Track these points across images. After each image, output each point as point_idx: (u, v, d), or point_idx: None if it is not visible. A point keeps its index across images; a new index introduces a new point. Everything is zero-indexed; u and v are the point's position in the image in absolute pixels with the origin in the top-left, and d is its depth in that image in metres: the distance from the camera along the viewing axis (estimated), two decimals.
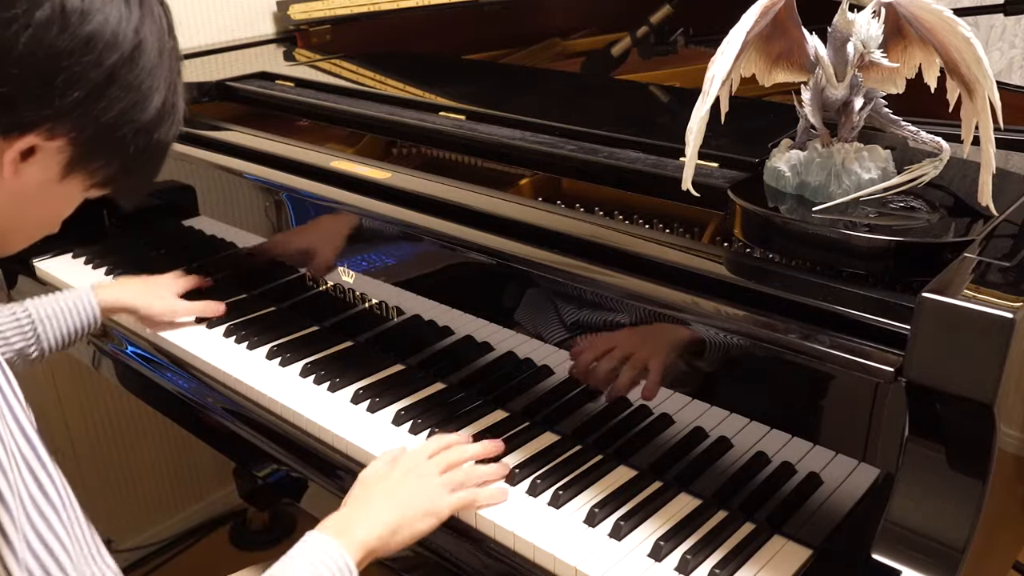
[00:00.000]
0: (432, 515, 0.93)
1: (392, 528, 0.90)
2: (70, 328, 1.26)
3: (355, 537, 0.88)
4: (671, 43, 1.65)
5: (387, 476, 0.96)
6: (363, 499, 0.94)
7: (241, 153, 1.37)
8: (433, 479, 0.95)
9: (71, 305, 1.26)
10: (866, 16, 0.86)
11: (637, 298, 0.94)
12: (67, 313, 1.25)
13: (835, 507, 0.88)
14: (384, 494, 0.94)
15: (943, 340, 0.71)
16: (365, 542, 0.88)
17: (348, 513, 0.92)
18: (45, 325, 1.23)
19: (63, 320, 1.25)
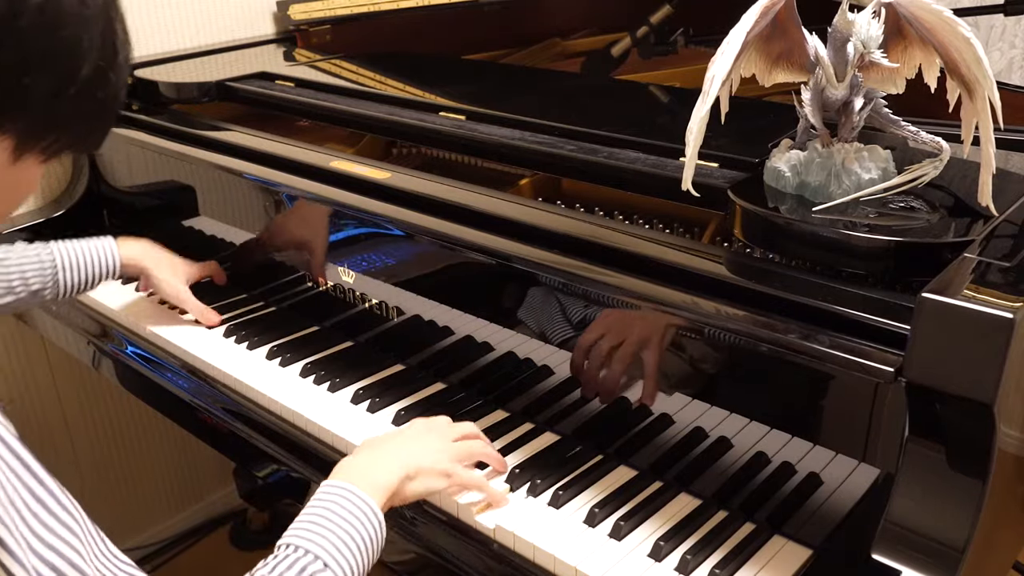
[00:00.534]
0: (443, 475, 0.94)
1: (409, 473, 0.91)
2: (90, 274, 1.30)
3: (375, 480, 0.87)
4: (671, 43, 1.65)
5: (408, 431, 0.98)
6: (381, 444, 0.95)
7: (241, 153, 1.37)
8: (449, 443, 0.97)
9: (94, 253, 1.30)
10: (866, 16, 0.86)
11: (637, 298, 0.94)
12: (90, 260, 1.29)
13: (835, 507, 0.88)
14: (398, 443, 0.95)
15: (943, 340, 0.71)
16: (383, 485, 0.88)
17: (365, 457, 0.92)
18: (66, 271, 1.27)
19: (84, 266, 1.29)
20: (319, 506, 0.84)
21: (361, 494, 0.85)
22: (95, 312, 1.50)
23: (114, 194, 1.74)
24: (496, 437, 1.07)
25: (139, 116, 1.58)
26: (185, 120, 1.52)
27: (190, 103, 1.64)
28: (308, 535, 0.80)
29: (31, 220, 1.70)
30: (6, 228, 1.67)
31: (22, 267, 1.24)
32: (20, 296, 1.24)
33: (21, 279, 1.24)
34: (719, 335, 0.89)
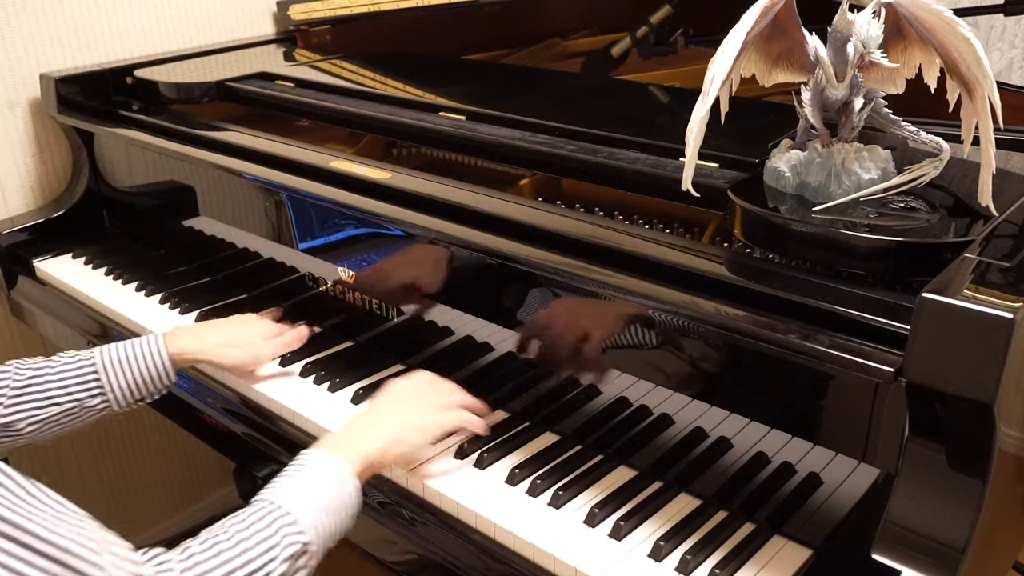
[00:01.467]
0: (423, 429, 0.99)
1: (392, 439, 0.96)
2: (137, 378, 1.13)
3: (354, 449, 0.92)
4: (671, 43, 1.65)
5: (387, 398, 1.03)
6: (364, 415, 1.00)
7: (241, 153, 1.37)
8: (427, 399, 1.02)
9: (139, 353, 1.13)
10: (866, 16, 0.86)
11: (637, 298, 0.94)
12: (134, 361, 1.13)
13: (835, 507, 0.88)
14: (384, 410, 1.00)
15: (943, 340, 0.71)
16: (365, 453, 0.92)
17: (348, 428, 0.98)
18: (110, 374, 1.11)
19: (130, 369, 1.12)
20: (298, 468, 0.87)
21: (339, 460, 0.88)
22: (95, 312, 1.50)
23: (114, 194, 1.74)
24: (496, 437, 1.07)
25: (139, 116, 1.58)
26: (185, 120, 1.52)
27: (190, 103, 1.64)
28: (283, 492, 0.83)
29: (31, 220, 1.70)
30: (6, 228, 1.68)
31: (61, 375, 1.09)
32: (64, 407, 1.09)
33: (61, 387, 1.09)
34: (719, 335, 0.89)
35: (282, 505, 0.82)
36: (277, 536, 0.79)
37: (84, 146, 1.73)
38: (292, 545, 0.80)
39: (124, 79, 1.73)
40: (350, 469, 0.89)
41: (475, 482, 1.01)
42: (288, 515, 0.81)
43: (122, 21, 1.81)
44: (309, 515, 0.82)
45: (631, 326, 0.99)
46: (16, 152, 1.73)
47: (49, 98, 1.68)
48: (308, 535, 0.81)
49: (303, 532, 0.81)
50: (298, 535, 0.80)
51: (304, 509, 0.82)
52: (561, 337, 1.05)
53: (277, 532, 0.79)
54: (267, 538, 0.79)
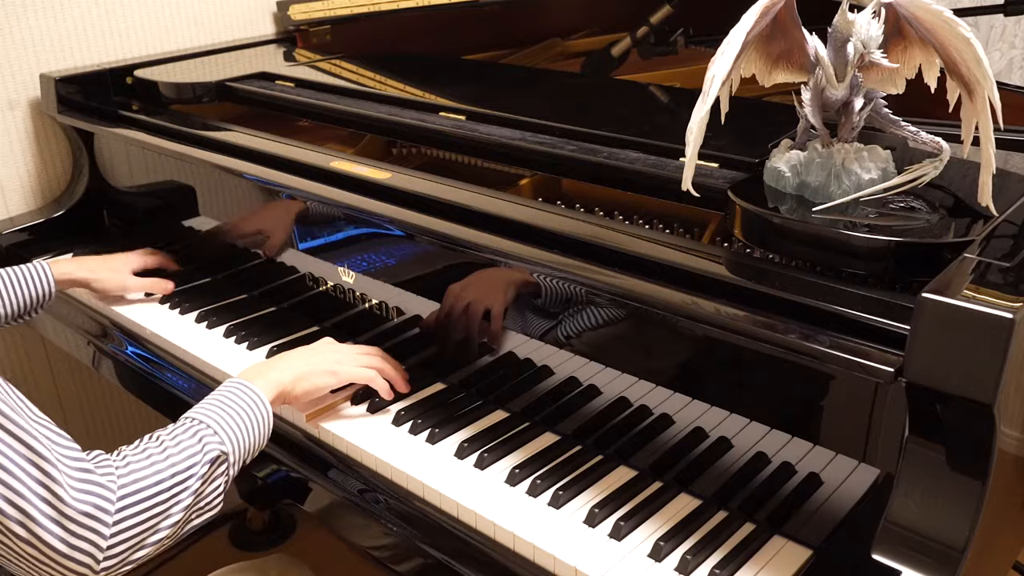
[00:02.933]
0: (332, 374, 1.11)
1: (300, 375, 1.09)
2: (25, 297, 1.32)
3: (266, 378, 1.05)
4: (671, 43, 1.65)
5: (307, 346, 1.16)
6: (280, 355, 1.14)
7: (241, 153, 1.37)
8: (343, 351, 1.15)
9: (26, 276, 1.33)
10: (866, 16, 0.86)
11: (637, 298, 0.94)
12: (22, 283, 1.32)
13: (835, 507, 0.88)
14: (300, 352, 1.13)
15: (943, 340, 0.71)
16: (277, 382, 1.06)
17: (264, 363, 1.12)
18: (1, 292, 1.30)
19: (18, 289, 1.31)
20: (218, 394, 1.00)
21: (254, 387, 1.02)
22: (95, 312, 1.50)
23: (114, 194, 1.74)
24: (496, 437, 1.07)
25: (139, 116, 1.58)
26: (185, 120, 1.52)
27: (190, 103, 1.64)
28: (205, 411, 0.96)
29: (31, 220, 1.70)
30: (6, 228, 1.68)
31: None
32: None
33: None
34: (719, 335, 0.89)
35: (203, 420, 0.94)
36: (199, 444, 0.92)
37: (84, 146, 1.73)
38: (212, 451, 0.92)
39: (124, 79, 1.73)
40: (263, 393, 1.02)
41: (475, 482, 1.01)
42: (208, 428, 0.94)
43: (122, 21, 1.81)
44: (227, 429, 0.95)
45: (631, 326, 0.99)
46: (16, 152, 1.73)
47: (49, 98, 1.68)
48: (226, 445, 0.94)
49: (222, 442, 0.93)
50: (218, 444, 0.93)
51: (223, 424, 0.95)
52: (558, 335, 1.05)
53: (199, 441, 0.92)
54: (191, 446, 0.91)
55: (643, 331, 0.99)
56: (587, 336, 1.03)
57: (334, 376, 1.11)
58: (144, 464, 0.86)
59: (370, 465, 1.07)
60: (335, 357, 1.12)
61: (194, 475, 0.89)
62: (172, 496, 0.86)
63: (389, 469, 1.05)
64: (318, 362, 1.11)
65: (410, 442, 1.08)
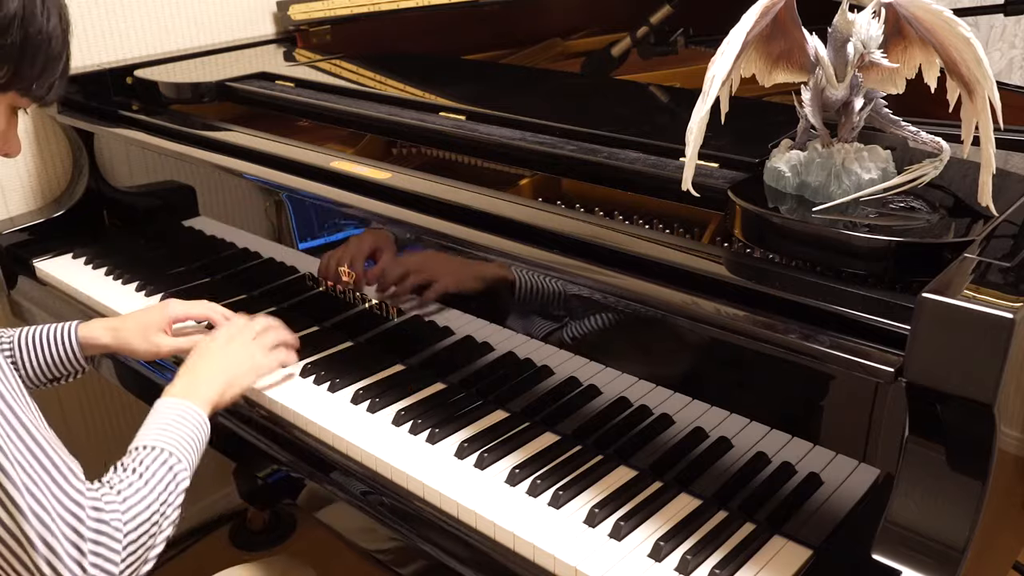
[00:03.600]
0: (253, 371, 1.16)
1: (226, 383, 1.11)
2: (48, 359, 1.22)
3: (200, 396, 1.07)
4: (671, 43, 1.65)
5: (214, 347, 1.15)
6: (198, 366, 1.13)
7: (241, 153, 1.37)
8: (249, 344, 1.17)
9: (51, 336, 1.22)
10: (866, 16, 0.86)
11: (637, 298, 0.94)
12: (46, 343, 1.22)
13: (835, 507, 0.88)
14: (215, 359, 1.14)
15: (943, 340, 0.71)
16: (209, 398, 1.08)
17: (189, 379, 1.10)
18: (24, 352, 1.21)
19: (42, 350, 1.21)
20: (165, 417, 1.02)
21: (194, 407, 1.04)
22: (95, 312, 1.50)
23: (114, 194, 1.74)
24: (496, 437, 1.07)
25: (139, 116, 1.58)
26: (185, 120, 1.52)
27: (190, 103, 1.64)
28: (165, 438, 0.99)
29: (32, 220, 1.70)
30: (7, 228, 1.68)
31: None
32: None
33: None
34: (719, 335, 0.89)
35: (173, 452, 0.97)
36: (171, 475, 0.96)
37: (84, 146, 1.73)
38: (184, 481, 0.97)
39: (124, 79, 1.73)
40: (204, 413, 1.05)
41: (475, 482, 1.01)
42: (176, 458, 0.97)
43: (122, 21, 1.81)
44: (186, 455, 0.99)
45: (631, 326, 0.99)
46: None
47: None
48: (188, 471, 0.99)
49: (186, 469, 0.98)
50: (185, 472, 0.98)
51: (183, 452, 0.99)
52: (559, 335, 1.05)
53: (171, 472, 0.96)
54: (166, 477, 0.95)
55: (643, 331, 0.99)
56: (587, 336, 1.03)
57: (255, 374, 1.17)
58: (138, 502, 0.91)
59: (370, 465, 1.07)
60: (247, 353, 1.16)
61: (172, 504, 0.95)
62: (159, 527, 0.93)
63: (389, 469, 1.05)
64: (238, 365, 1.14)
65: (410, 442, 1.08)
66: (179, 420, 1.02)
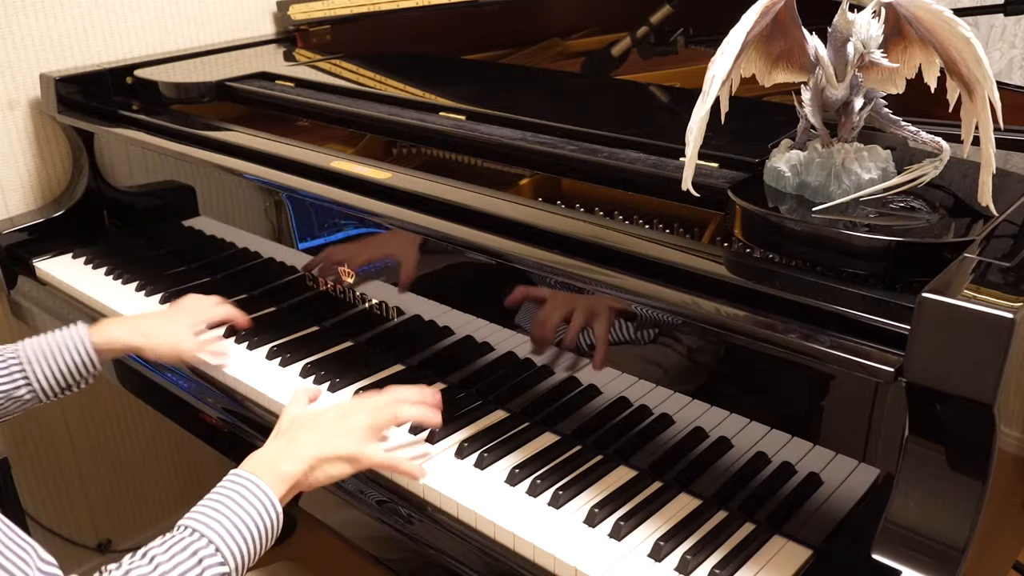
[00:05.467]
0: (350, 461, 0.96)
1: (312, 465, 0.94)
2: (62, 368, 1.16)
3: (280, 470, 0.91)
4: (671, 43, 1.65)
5: (315, 416, 0.99)
6: (288, 435, 0.97)
7: (241, 153, 1.37)
8: (361, 428, 0.98)
9: (61, 343, 1.17)
10: (866, 16, 0.86)
11: (637, 298, 0.94)
12: (57, 351, 1.16)
13: (835, 507, 0.88)
14: (310, 432, 0.97)
15: (943, 340, 0.71)
16: (291, 476, 0.91)
17: (275, 449, 0.95)
18: (34, 365, 1.15)
19: (53, 359, 1.15)
20: (221, 493, 0.87)
21: (262, 484, 0.88)
22: (95, 312, 1.50)
23: (114, 194, 1.74)
24: (496, 437, 1.07)
25: (139, 116, 1.58)
26: (185, 120, 1.52)
27: (190, 103, 1.64)
28: (205, 520, 0.84)
29: (31, 220, 1.70)
30: (6, 228, 1.68)
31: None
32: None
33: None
34: (719, 335, 0.89)
35: (205, 534, 0.83)
36: (198, 566, 0.81)
37: (84, 146, 1.73)
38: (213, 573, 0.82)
39: (124, 79, 1.73)
40: (273, 493, 0.89)
41: (475, 482, 1.01)
42: (210, 544, 0.83)
43: (122, 21, 1.81)
44: (230, 543, 0.83)
45: (631, 326, 0.99)
46: (16, 152, 1.73)
47: (49, 98, 1.68)
48: (228, 565, 0.83)
49: (224, 563, 0.82)
50: (220, 566, 0.82)
51: (226, 537, 0.83)
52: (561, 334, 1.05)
53: (199, 562, 0.81)
54: (188, 569, 0.81)
55: (643, 331, 0.99)
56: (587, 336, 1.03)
57: (351, 466, 0.97)
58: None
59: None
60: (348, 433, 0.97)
61: None
62: None
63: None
64: (332, 446, 0.96)
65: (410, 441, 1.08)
66: (235, 498, 0.86)
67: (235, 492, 0.87)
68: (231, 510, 0.85)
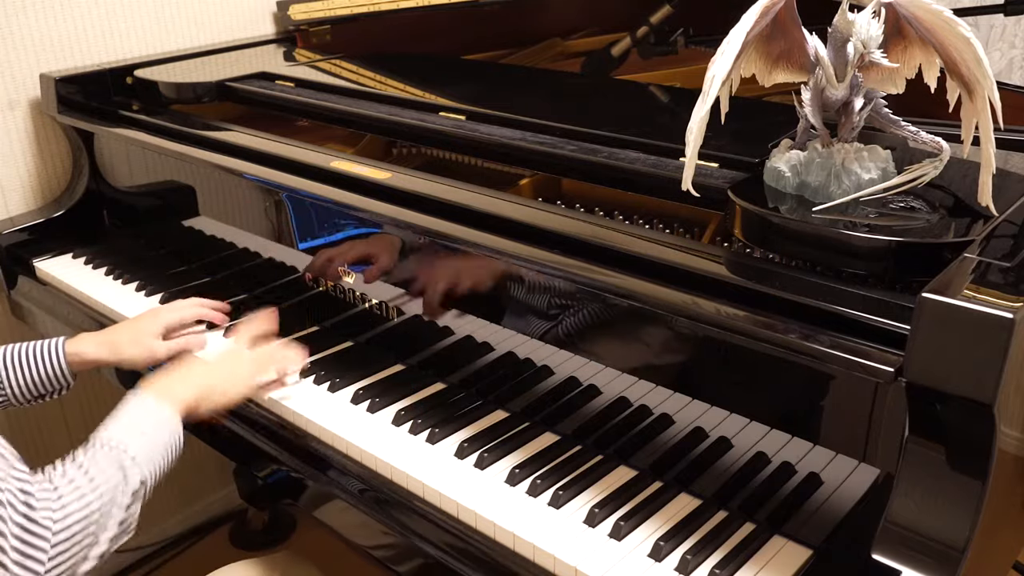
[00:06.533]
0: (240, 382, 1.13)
1: (206, 389, 1.07)
2: (34, 377, 1.19)
3: (175, 395, 1.04)
4: (671, 43, 1.65)
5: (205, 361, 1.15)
6: (182, 369, 1.11)
7: (241, 153, 1.37)
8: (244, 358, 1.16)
9: (38, 353, 1.19)
10: (866, 16, 0.86)
11: (637, 298, 0.94)
12: (32, 360, 1.19)
13: (835, 507, 0.88)
14: (200, 366, 1.14)
15: (943, 340, 0.71)
16: (184, 400, 1.04)
17: (168, 378, 1.07)
18: (9, 372, 1.18)
19: (27, 367, 1.18)
20: (133, 413, 0.98)
21: (167, 406, 1.01)
22: (95, 312, 1.50)
23: (114, 194, 1.74)
24: (496, 437, 1.07)
25: (139, 116, 1.58)
26: (185, 120, 1.52)
27: (190, 103, 1.64)
28: (123, 434, 0.95)
29: (31, 220, 1.70)
30: (7, 228, 1.68)
31: None
32: None
33: None
34: (719, 335, 0.89)
35: (125, 448, 0.93)
36: (122, 475, 0.92)
37: (84, 146, 1.73)
38: (134, 482, 0.93)
39: (124, 79, 1.73)
40: (174, 411, 1.01)
41: (475, 482, 1.01)
42: (129, 456, 0.93)
43: (122, 21, 1.81)
44: (147, 456, 0.95)
45: (631, 326, 0.99)
46: (16, 152, 1.73)
47: (49, 98, 1.68)
48: (144, 472, 0.94)
49: (141, 474, 0.94)
50: (138, 474, 0.93)
51: (142, 449, 0.95)
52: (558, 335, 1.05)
53: (123, 472, 0.92)
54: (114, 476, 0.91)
55: (643, 331, 0.99)
56: (587, 336, 1.03)
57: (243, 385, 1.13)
58: (76, 499, 0.87)
59: (370, 465, 1.07)
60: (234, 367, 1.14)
61: (119, 504, 0.90)
62: (100, 527, 0.89)
63: (389, 469, 1.05)
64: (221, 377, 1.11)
65: (410, 442, 1.08)
66: (146, 417, 0.97)
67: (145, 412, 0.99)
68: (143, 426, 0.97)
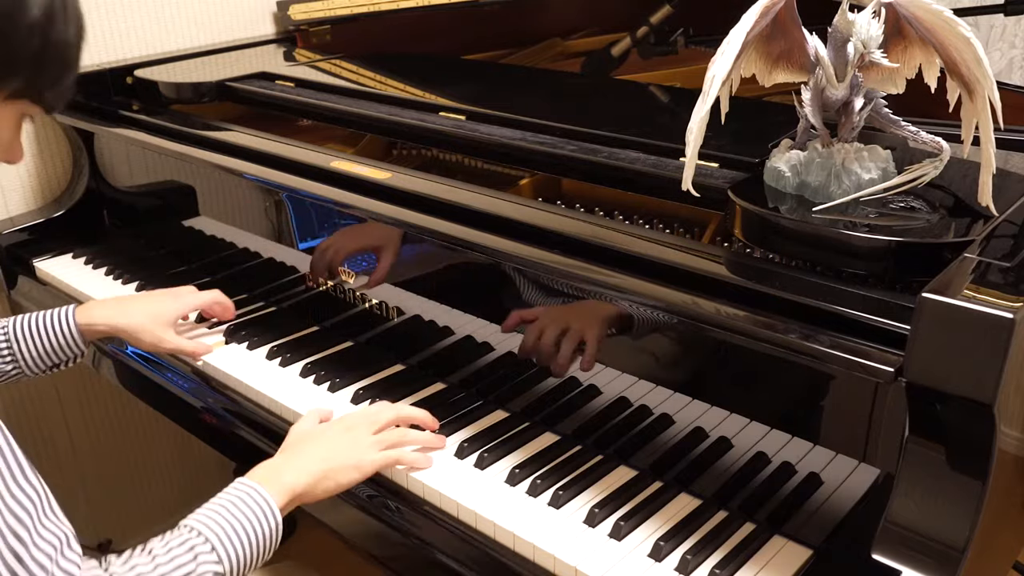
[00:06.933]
0: (356, 469, 0.98)
1: (318, 476, 0.96)
2: (47, 346, 1.19)
3: (283, 481, 0.93)
4: (671, 43, 1.65)
5: (322, 431, 1.02)
6: (294, 449, 1.00)
7: (241, 153, 1.37)
8: (364, 436, 1.01)
9: (49, 324, 1.20)
10: (866, 16, 0.86)
11: (637, 298, 0.94)
12: (44, 330, 1.19)
13: (835, 507, 0.88)
14: (315, 445, 1.00)
15: (943, 340, 0.71)
16: (292, 487, 0.93)
17: (279, 461, 0.98)
18: (21, 343, 1.18)
19: (40, 337, 1.19)
20: (224, 499, 0.90)
21: (264, 493, 0.90)
22: None
23: (114, 194, 1.74)
24: (496, 437, 1.07)
25: (139, 116, 1.58)
26: (185, 120, 1.52)
27: (190, 103, 1.64)
28: (205, 520, 0.86)
29: (31, 220, 1.70)
30: (6, 228, 1.68)
31: None
32: None
33: None
34: (719, 335, 0.89)
35: (202, 533, 0.85)
36: (194, 562, 0.83)
37: (84, 146, 1.73)
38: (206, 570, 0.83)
39: (124, 79, 1.73)
40: (274, 501, 0.91)
41: (475, 482, 1.01)
42: (206, 543, 0.84)
43: (122, 21, 1.81)
44: (227, 544, 0.85)
45: (631, 325, 0.99)
46: None
47: None
48: (223, 565, 0.85)
49: (219, 562, 0.84)
50: (214, 564, 0.84)
51: (223, 537, 0.85)
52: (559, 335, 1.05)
53: (195, 559, 0.83)
54: (184, 564, 0.82)
55: (643, 331, 0.99)
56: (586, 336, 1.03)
57: (358, 472, 0.99)
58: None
59: None
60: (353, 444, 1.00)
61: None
62: None
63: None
64: (337, 456, 0.98)
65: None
66: (236, 503, 0.89)
67: (236, 498, 0.89)
68: (231, 513, 0.87)
